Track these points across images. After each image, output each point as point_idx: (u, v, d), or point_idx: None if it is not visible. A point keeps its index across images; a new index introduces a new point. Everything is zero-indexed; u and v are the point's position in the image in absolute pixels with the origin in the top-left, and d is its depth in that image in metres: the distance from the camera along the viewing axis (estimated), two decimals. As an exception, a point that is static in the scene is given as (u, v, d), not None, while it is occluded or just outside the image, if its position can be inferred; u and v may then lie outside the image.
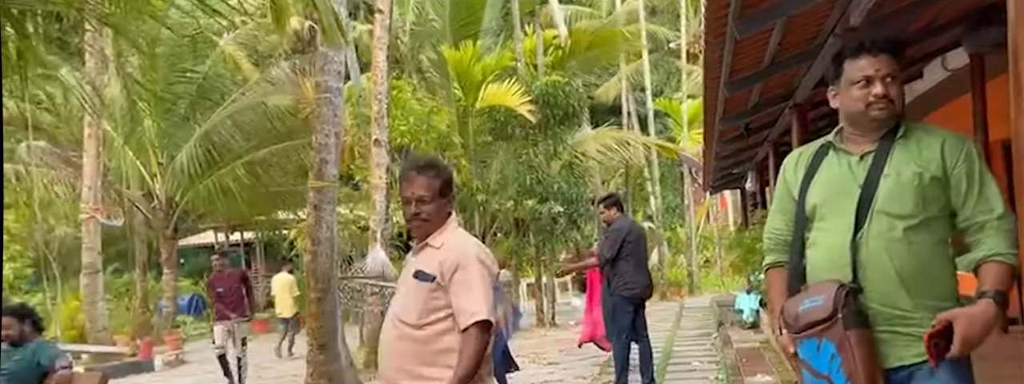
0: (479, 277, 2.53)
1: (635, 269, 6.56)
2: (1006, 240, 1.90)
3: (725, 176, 14.41)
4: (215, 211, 15.82)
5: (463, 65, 12.66)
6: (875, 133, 2.04)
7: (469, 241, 2.65)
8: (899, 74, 2.02)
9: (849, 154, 2.06)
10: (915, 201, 1.94)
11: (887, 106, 1.99)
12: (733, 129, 8.35)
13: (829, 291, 1.93)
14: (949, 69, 6.95)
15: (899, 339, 1.94)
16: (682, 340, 10.56)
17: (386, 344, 2.65)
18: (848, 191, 2.01)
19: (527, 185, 12.86)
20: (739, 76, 5.28)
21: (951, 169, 1.95)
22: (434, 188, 2.60)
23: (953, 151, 1.96)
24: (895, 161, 1.98)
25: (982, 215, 1.93)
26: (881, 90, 1.99)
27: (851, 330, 1.89)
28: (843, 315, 1.89)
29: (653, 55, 23.86)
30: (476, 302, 2.49)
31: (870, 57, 2.01)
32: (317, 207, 6.51)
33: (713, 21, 3.89)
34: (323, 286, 6.43)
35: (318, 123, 6.42)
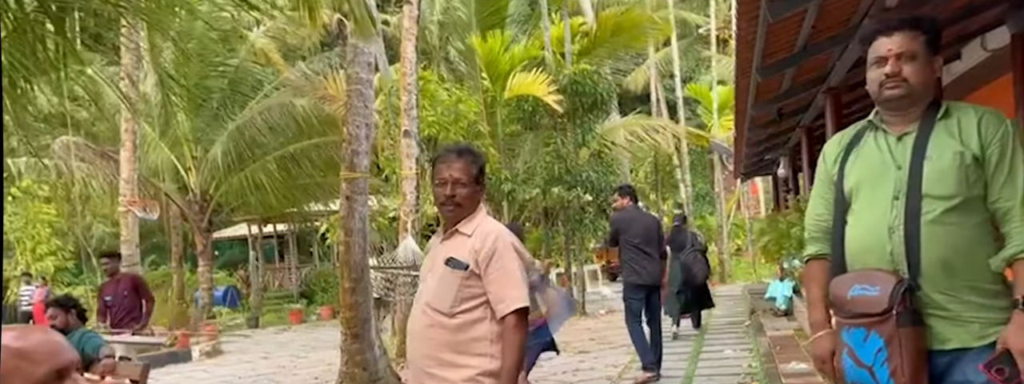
0: (516, 264, 2.52)
1: (641, 257, 6.79)
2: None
3: (756, 162, 14.25)
4: (248, 204, 16.05)
5: (491, 55, 12.64)
6: (911, 113, 2.01)
7: (501, 228, 2.64)
8: (921, 52, 1.97)
9: (887, 134, 2.04)
10: (957, 181, 1.91)
11: (899, 84, 1.97)
12: (765, 114, 8.24)
13: (886, 284, 1.91)
14: (989, 50, 6.77)
15: (941, 323, 1.91)
16: (714, 328, 10.51)
17: (416, 332, 2.64)
18: (887, 172, 1.99)
19: (555, 174, 12.83)
20: (772, 60, 5.21)
21: (987, 147, 1.92)
22: (471, 172, 2.60)
23: (989, 129, 1.93)
24: (936, 142, 1.95)
25: (1007, 200, 1.90)
26: (890, 69, 1.98)
27: (904, 328, 1.87)
28: (898, 312, 1.87)
29: (682, 41, 23.61)
30: (515, 289, 2.49)
31: (884, 37, 2.01)
32: (349, 198, 6.56)
33: (745, 4, 3.84)
34: (356, 276, 6.49)
35: (349, 114, 6.46)
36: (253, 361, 11.11)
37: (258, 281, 18.73)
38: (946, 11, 5.51)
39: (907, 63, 1.97)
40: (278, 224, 20.87)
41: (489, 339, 2.50)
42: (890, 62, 1.98)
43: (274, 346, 12.81)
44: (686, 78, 24.57)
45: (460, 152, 2.67)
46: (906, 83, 1.97)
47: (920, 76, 1.97)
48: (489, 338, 2.50)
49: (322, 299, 18.35)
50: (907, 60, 1.97)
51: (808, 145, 9.27)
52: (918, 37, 1.98)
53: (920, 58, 1.97)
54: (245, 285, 19.84)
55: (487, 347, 2.50)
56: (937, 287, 1.90)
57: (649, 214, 8.34)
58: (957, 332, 1.90)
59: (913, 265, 1.91)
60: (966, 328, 1.90)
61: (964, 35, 6.77)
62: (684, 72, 23.78)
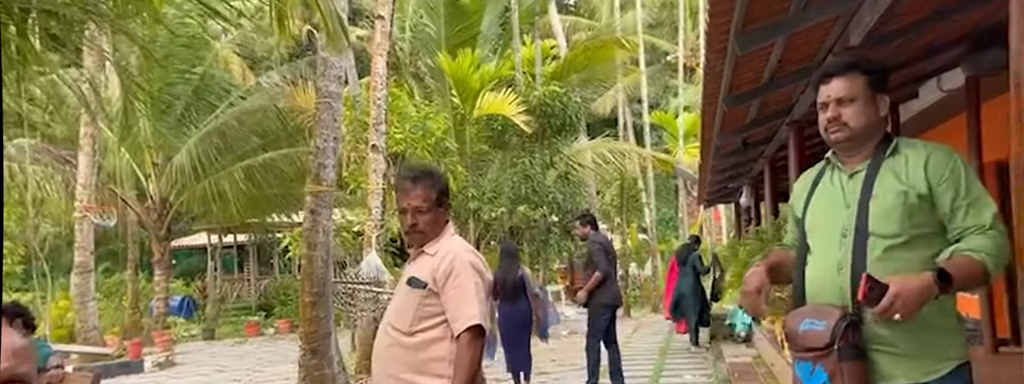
0: (472, 283, 2.52)
1: (612, 278, 7.21)
2: (990, 242, 1.89)
3: (720, 190, 14.46)
4: (209, 213, 15.79)
5: (461, 74, 12.70)
6: (862, 152, 2.06)
7: (464, 248, 2.64)
8: (862, 94, 2.02)
9: (841, 172, 2.09)
10: (900, 220, 1.94)
11: (840, 128, 2.03)
12: (730, 144, 8.40)
13: (831, 318, 1.94)
14: (944, 90, 7.01)
15: (890, 359, 1.94)
16: (674, 353, 10.56)
17: (378, 351, 2.65)
18: (838, 210, 2.04)
19: (522, 194, 12.88)
20: (738, 91, 5.32)
21: (937, 185, 1.94)
22: (430, 198, 2.60)
23: (937, 167, 1.96)
24: (882, 181, 1.99)
25: (973, 226, 1.92)
26: (831, 114, 2.04)
27: (846, 362, 1.90)
28: (840, 346, 1.90)
29: (650, 68, 23.99)
30: (469, 307, 2.49)
31: (823, 85, 2.08)
32: (314, 211, 6.51)
33: (714, 36, 3.93)
34: (317, 290, 6.42)
35: (318, 127, 6.43)
36: (208, 373, 10.87)
37: (215, 292, 18.38)
38: (907, 51, 5.70)
39: (847, 107, 2.02)
40: (239, 234, 20.55)
41: (448, 359, 2.50)
42: (830, 107, 2.04)
43: (230, 359, 12.55)
44: (653, 104, 24.93)
45: (416, 178, 2.66)
46: (847, 127, 2.02)
47: (860, 118, 2.02)
48: (448, 358, 2.50)
49: (281, 312, 18.07)
50: (847, 104, 2.02)
51: (771, 175, 9.45)
52: (857, 79, 2.03)
53: (860, 100, 2.02)
54: (202, 295, 19.45)
55: (445, 368, 2.49)
56: (886, 323, 1.93)
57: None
58: (906, 368, 1.93)
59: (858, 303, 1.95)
60: (915, 363, 1.93)
61: (922, 75, 7.01)
62: (651, 98, 24.13)
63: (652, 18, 26.04)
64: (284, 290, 18.97)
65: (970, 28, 5.04)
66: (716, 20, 3.59)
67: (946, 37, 5.56)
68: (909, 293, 1.82)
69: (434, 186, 2.62)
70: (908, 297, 1.81)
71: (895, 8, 4.19)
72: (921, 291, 1.82)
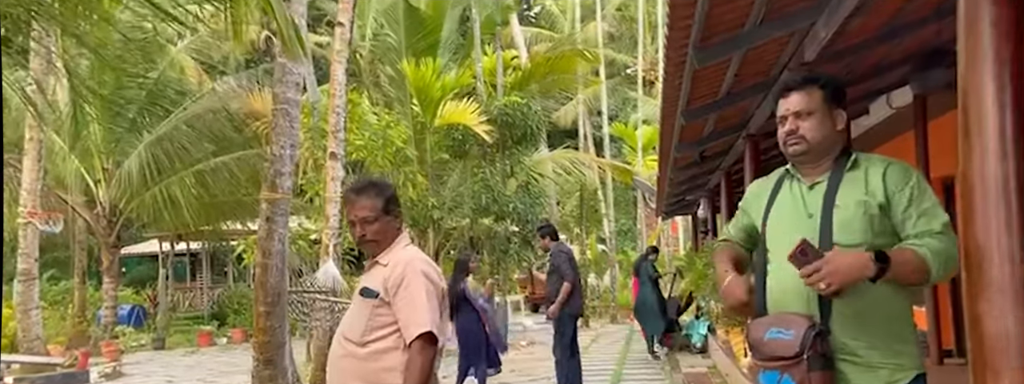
0: (423, 291, 2.51)
1: (578, 289, 7.25)
2: (936, 243, 1.93)
3: (678, 202, 14.63)
4: (160, 220, 15.39)
5: (422, 82, 12.66)
6: (821, 164, 2.10)
7: (416, 256, 2.63)
8: (819, 108, 2.07)
9: (801, 183, 2.13)
10: (863, 229, 1.98)
11: (798, 141, 2.08)
12: (688, 156, 8.50)
13: (799, 328, 1.95)
14: (894, 107, 7.21)
15: (852, 368, 1.97)
16: (631, 363, 10.62)
17: (332, 362, 2.63)
18: (800, 220, 2.06)
19: (483, 203, 12.86)
20: (696, 105, 5.39)
21: (893, 195, 1.99)
22: (377, 207, 2.60)
23: (895, 178, 2.01)
24: (844, 192, 2.02)
25: (924, 232, 1.97)
26: (788, 127, 2.09)
27: (815, 372, 1.92)
28: (809, 356, 1.92)
29: (610, 80, 24.23)
30: (420, 315, 2.47)
31: (782, 99, 2.13)
32: (270, 219, 6.40)
33: (673, 50, 3.97)
34: (272, 299, 6.30)
35: (274, 134, 6.33)
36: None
37: (167, 300, 17.92)
38: (858, 68, 5.84)
39: (804, 120, 2.07)
40: (192, 242, 20.10)
41: (400, 369, 2.48)
42: (789, 120, 2.09)
43: (181, 369, 12.24)
44: (613, 116, 25.17)
45: (360, 189, 2.67)
46: (804, 140, 2.06)
47: (818, 131, 2.06)
48: (400, 368, 2.48)
49: (235, 321, 17.70)
50: (805, 117, 2.07)
51: (727, 188, 9.59)
52: (814, 93, 2.08)
53: (817, 114, 2.07)
54: (153, 304, 18.95)
55: (397, 378, 2.47)
56: (848, 333, 1.96)
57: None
58: (867, 378, 1.96)
59: (824, 311, 1.98)
60: (876, 373, 1.96)
61: (872, 92, 7.20)
62: (611, 110, 24.38)
63: (612, 31, 26.34)
64: (238, 299, 18.60)
65: (916, 48, 5.19)
66: (675, 34, 3.63)
67: (894, 56, 5.72)
68: (840, 264, 1.85)
69: (380, 195, 2.62)
70: (836, 267, 1.85)
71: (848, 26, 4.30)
72: (852, 265, 1.86)
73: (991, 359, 1.87)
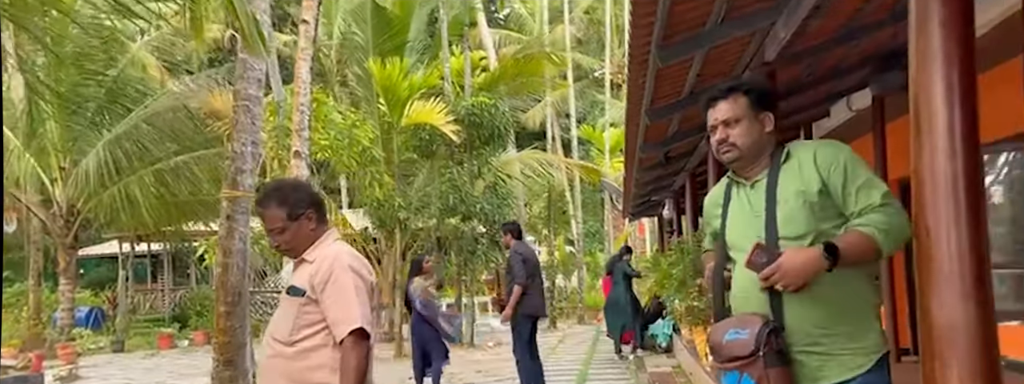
0: (351, 286, 2.46)
1: (533, 288, 7.22)
2: (880, 217, 1.95)
3: (644, 203, 14.73)
4: (120, 220, 15.06)
5: (389, 81, 12.58)
6: (758, 164, 2.15)
7: (342, 251, 2.57)
8: (746, 114, 2.12)
9: (743, 184, 2.17)
10: (806, 219, 2.01)
11: (729, 148, 2.13)
12: (653, 157, 8.57)
13: (753, 327, 1.99)
14: (853, 109, 7.35)
15: (814, 359, 2.00)
16: (598, 363, 10.67)
17: (262, 363, 2.59)
18: (749, 220, 2.11)
19: (450, 204, 12.82)
20: (660, 104, 5.43)
21: (827, 176, 2.03)
22: (281, 217, 2.55)
23: (825, 159, 2.05)
24: (783, 186, 2.07)
25: (865, 207, 1.99)
26: (719, 136, 2.15)
27: (771, 369, 1.95)
28: (764, 353, 1.95)
29: (578, 83, 24.34)
30: (349, 311, 2.42)
31: (711, 108, 2.19)
32: (230, 217, 6.29)
33: (637, 48, 4.00)
34: (232, 299, 6.19)
35: (235, 131, 6.23)
36: (112, 389, 10.36)
37: (127, 302, 17.55)
38: (819, 70, 5.95)
39: (733, 128, 2.12)
40: (153, 243, 19.72)
41: (330, 367, 2.43)
42: (719, 130, 2.14)
43: (139, 372, 12.01)
44: (581, 119, 25.28)
45: (262, 200, 2.61)
46: (735, 147, 2.11)
47: (747, 137, 2.11)
48: (330, 366, 2.43)
49: (197, 323, 17.40)
50: (733, 125, 2.12)
51: (692, 189, 9.69)
52: (740, 100, 2.13)
53: (745, 120, 2.12)
54: (112, 306, 18.56)
55: (327, 375, 2.43)
56: (806, 323, 1.99)
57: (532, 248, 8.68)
58: (830, 367, 1.99)
59: (776, 305, 2.01)
60: (838, 361, 1.99)
61: (833, 94, 7.33)
62: (579, 113, 24.49)
63: (580, 34, 26.46)
64: (201, 300, 18.29)
65: (874, 50, 5.30)
66: (638, 32, 3.65)
67: (853, 58, 5.84)
68: (793, 264, 1.90)
69: (283, 203, 2.56)
70: (790, 268, 1.90)
71: (807, 27, 4.36)
72: (805, 263, 1.90)
73: (939, 350, 1.90)
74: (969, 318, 1.87)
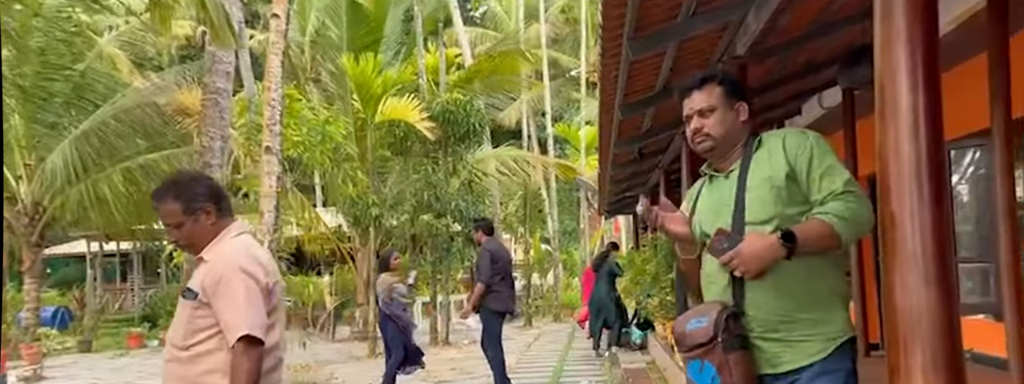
0: (242, 289, 2.33)
1: (503, 285, 7.23)
2: (840, 205, 1.97)
3: (619, 200, 14.78)
4: (88, 219, 14.79)
5: (363, 77, 12.48)
6: (732, 154, 2.16)
7: (237, 250, 2.44)
8: (720, 104, 2.14)
9: (718, 176, 2.19)
10: (773, 203, 2.03)
11: (704, 138, 2.15)
12: (627, 153, 8.59)
13: (712, 313, 2.00)
14: (825, 107, 7.42)
15: (776, 346, 2.00)
16: (572, 360, 10.68)
17: (163, 368, 2.50)
18: (721, 210, 2.12)
19: (425, 201, 12.75)
20: (633, 99, 5.44)
21: (794, 162, 2.05)
22: (177, 212, 2.44)
23: (792, 145, 2.07)
24: (753, 173, 2.08)
25: (827, 194, 2.01)
26: (694, 125, 2.17)
27: (731, 353, 1.97)
28: (723, 339, 1.97)
29: (554, 82, 24.36)
30: (238, 317, 2.31)
31: (686, 98, 2.20)
32: (199, 213, 6.18)
33: (609, 41, 3.99)
34: (200, 296, 6.08)
35: (204, 125, 6.14)
36: (78, 389, 10.17)
37: (95, 302, 17.25)
38: (791, 65, 5.99)
39: (708, 117, 2.13)
40: (123, 242, 19.41)
41: (222, 371, 2.33)
42: (694, 119, 2.16)
43: (107, 372, 11.80)
44: (557, 117, 25.33)
45: (157, 195, 2.51)
46: (710, 137, 2.13)
47: (721, 126, 2.13)
48: (222, 370, 2.33)
49: (167, 323, 17.09)
50: (707, 115, 2.13)
51: (666, 186, 9.73)
52: (714, 90, 2.15)
53: (719, 110, 2.14)
54: (80, 306, 18.23)
55: (219, 380, 2.33)
56: (764, 310, 2.00)
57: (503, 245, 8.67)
58: (792, 353, 2.00)
59: (736, 292, 2.02)
60: (800, 347, 2.00)
61: (805, 91, 7.39)
62: (555, 111, 24.52)
63: (555, 33, 26.50)
64: (171, 300, 18.01)
65: (844, 46, 5.35)
66: (609, 23, 3.65)
67: (824, 54, 5.88)
68: (751, 250, 1.92)
69: (178, 197, 2.45)
70: (748, 253, 1.92)
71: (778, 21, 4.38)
72: (763, 250, 1.92)
73: (903, 333, 1.91)
74: (932, 302, 1.88)
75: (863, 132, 6.00)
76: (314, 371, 10.00)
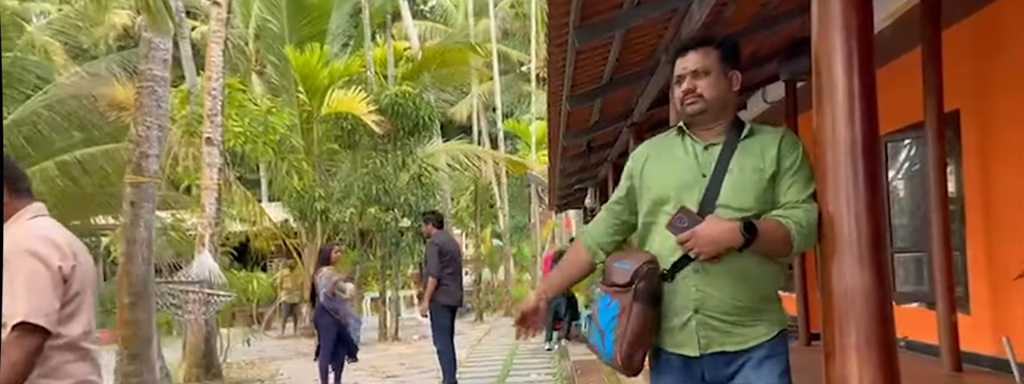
0: (24, 273, 2.18)
1: (451, 279, 7.19)
2: (801, 214, 1.99)
3: (570, 195, 14.86)
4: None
5: (308, 69, 12.24)
6: (716, 127, 2.11)
7: (29, 233, 2.26)
8: (715, 68, 2.09)
9: (696, 142, 2.12)
10: (755, 196, 2.02)
11: (695, 100, 2.08)
12: (577, 146, 8.62)
13: (637, 261, 2.02)
14: (768, 101, 7.57)
15: (726, 325, 2.01)
16: (523, 354, 10.69)
17: None
18: (693, 179, 2.07)
19: (373, 195, 12.58)
20: (581, 90, 5.45)
21: (783, 164, 2.05)
22: None
23: (787, 147, 2.06)
24: (739, 158, 2.05)
25: (792, 201, 2.03)
26: (686, 85, 2.10)
27: (638, 302, 1.99)
28: (637, 287, 1.99)
29: (505, 77, 24.33)
30: (16, 302, 2.14)
31: (680, 58, 2.13)
32: (134, 204, 5.97)
33: (555, 30, 3.98)
34: (137, 290, 5.89)
35: (140, 114, 5.93)
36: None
37: (26, 302, 16.55)
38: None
39: (701, 79, 2.08)
40: (58, 239, 18.66)
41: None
42: (686, 80, 2.10)
43: (38, 374, 11.32)
44: (508, 113, 25.30)
45: None
46: (702, 99, 2.07)
47: (715, 90, 2.08)
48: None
49: (104, 321, 16.60)
50: (701, 76, 2.08)
51: (614, 179, 9.80)
52: (711, 53, 2.10)
53: (714, 73, 2.09)
54: (10, 306, 17.50)
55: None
56: (725, 294, 2.00)
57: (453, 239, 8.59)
58: (743, 335, 2.02)
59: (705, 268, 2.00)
60: (751, 330, 2.02)
61: (750, 86, 7.52)
62: (506, 106, 24.48)
63: (505, 28, 26.47)
64: (109, 298, 17.45)
65: (787, 39, 5.45)
66: (555, 11, 3.63)
67: (766, 49, 5.99)
68: (711, 233, 1.91)
69: None
70: (706, 236, 1.91)
71: (722, 14, 4.44)
72: (722, 234, 1.91)
73: (838, 315, 1.94)
74: (866, 284, 1.91)
75: (805, 126, 6.10)
76: (259, 368, 9.81)
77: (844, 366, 1.91)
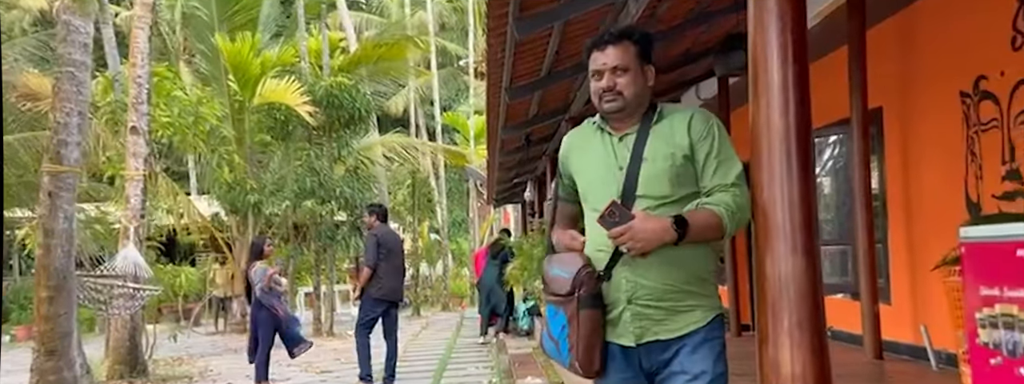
0: None
1: (388, 273, 7.10)
2: (730, 198, 2.00)
3: (508, 189, 14.88)
4: (-73, 206, 13.38)
5: (239, 58, 11.88)
6: (631, 119, 2.11)
7: None
8: (634, 65, 2.08)
9: (611, 135, 2.13)
10: (670, 182, 2.02)
11: (615, 97, 2.07)
12: (516, 139, 8.63)
13: (574, 268, 2.01)
14: (702, 98, 7.72)
15: (659, 313, 2.02)
16: (460, 348, 10.67)
17: None
18: (610, 173, 2.08)
19: (307, 187, 12.32)
20: (520, 83, 5.44)
21: (696, 144, 2.05)
22: None
23: (698, 127, 2.06)
24: (652, 145, 2.05)
25: (718, 185, 2.03)
26: (605, 83, 2.08)
27: (584, 310, 1.99)
28: (580, 295, 1.98)
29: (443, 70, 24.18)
30: None
31: (598, 52, 2.10)
32: (53, 195, 5.67)
33: (495, 21, 3.95)
34: (56, 284, 5.61)
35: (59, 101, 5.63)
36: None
37: (-66, 298, 15.67)
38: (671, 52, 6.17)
39: (621, 77, 2.06)
40: (-32, 232, 17.72)
41: None
42: (606, 76, 2.08)
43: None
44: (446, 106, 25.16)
45: None
46: (622, 96, 2.06)
47: (633, 87, 2.07)
48: None
49: (21, 318, 15.89)
50: (621, 73, 2.07)
51: (552, 172, 9.85)
52: (630, 49, 2.09)
53: (632, 70, 2.08)
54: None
55: None
56: (656, 280, 2.01)
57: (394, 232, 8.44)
58: (678, 321, 2.03)
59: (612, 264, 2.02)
60: (685, 316, 2.03)
61: (684, 82, 7.65)
62: (444, 100, 24.35)
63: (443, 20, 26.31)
64: (25, 293, 16.66)
65: (721, 36, 5.56)
66: (495, 1, 3.60)
67: (701, 45, 6.10)
68: (644, 231, 1.91)
69: None
70: (640, 233, 1.91)
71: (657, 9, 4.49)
72: (655, 231, 1.92)
73: (772, 301, 1.98)
74: (798, 269, 1.95)
75: (738, 122, 6.26)
76: (187, 364, 9.51)
77: (777, 351, 1.95)
